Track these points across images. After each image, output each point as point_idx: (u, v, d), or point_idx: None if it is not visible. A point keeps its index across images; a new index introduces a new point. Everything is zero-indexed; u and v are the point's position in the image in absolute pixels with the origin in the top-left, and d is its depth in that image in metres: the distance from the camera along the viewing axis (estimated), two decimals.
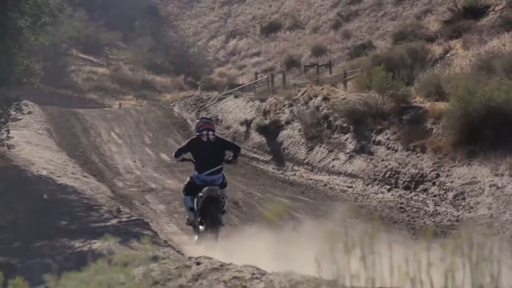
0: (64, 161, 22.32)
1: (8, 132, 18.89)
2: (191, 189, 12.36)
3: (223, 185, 12.38)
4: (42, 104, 36.24)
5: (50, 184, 17.51)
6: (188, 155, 12.80)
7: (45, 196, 16.31)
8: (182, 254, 12.11)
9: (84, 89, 51.29)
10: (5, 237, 12.97)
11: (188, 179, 12.64)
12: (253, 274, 8.28)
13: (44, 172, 18.68)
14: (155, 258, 10.89)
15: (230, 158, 12.76)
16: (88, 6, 62.35)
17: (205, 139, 12.44)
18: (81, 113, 35.69)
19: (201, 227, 12.24)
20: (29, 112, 30.54)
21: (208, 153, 12.25)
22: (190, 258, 9.52)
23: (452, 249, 3.56)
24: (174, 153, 13.08)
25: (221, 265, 8.88)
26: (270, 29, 60.82)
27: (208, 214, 12.05)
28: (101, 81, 52.86)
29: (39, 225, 13.83)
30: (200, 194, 12.00)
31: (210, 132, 12.55)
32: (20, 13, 18.15)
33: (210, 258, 9.18)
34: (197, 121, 13.65)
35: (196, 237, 12.58)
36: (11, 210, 14.67)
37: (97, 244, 12.16)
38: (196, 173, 12.34)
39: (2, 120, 18.69)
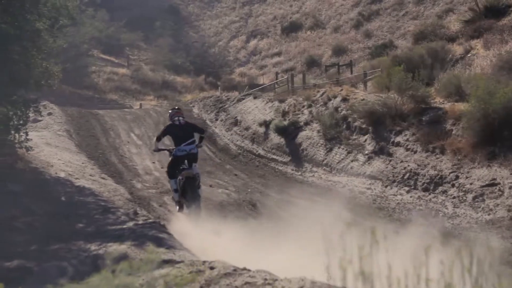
0: (83, 163, 22.37)
1: (27, 134, 18.93)
2: (173, 170, 16.25)
3: (196, 155, 16.32)
4: (63, 105, 36.44)
5: (68, 186, 17.51)
6: (164, 145, 17.74)
7: (63, 199, 16.31)
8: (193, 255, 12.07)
9: (105, 90, 51.46)
10: (22, 240, 12.99)
11: (171, 158, 16.38)
12: (265, 279, 8.24)
13: (62, 174, 18.70)
14: (170, 262, 10.90)
15: (197, 143, 16.48)
16: (109, 6, 62.55)
17: (177, 123, 16.40)
18: (101, 114, 35.80)
19: (183, 202, 16.21)
20: (49, 114, 30.78)
21: (182, 132, 16.23)
22: (204, 262, 9.49)
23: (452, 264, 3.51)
24: (155, 138, 17.16)
25: (234, 270, 8.83)
26: (291, 29, 60.72)
27: (189, 190, 15.93)
28: (121, 82, 53.03)
29: (55, 227, 13.84)
30: (180, 177, 15.99)
31: (180, 118, 16.48)
32: (38, 16, 18.21)
33: (224, 263, 9.15)
34: (170, 111, 17.27)
35: (177, 208, 16.53)
36: (28, 212, 14.71)
37: (112, 247, 12.14)
38: (175, 149, 16.15)
39: (21, 122, 18.71)
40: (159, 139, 16.65)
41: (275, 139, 28.95)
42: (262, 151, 29.19)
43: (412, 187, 21.38)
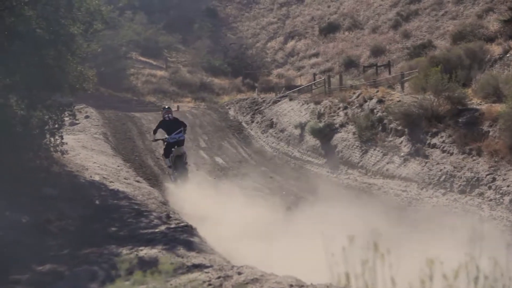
0: (118, 166, 22.48)
1: (62, 138, 19.06)
2: (167, 152, 21.51)
3: (183, 141, 21.62)
4: (101, 108, 36.73)
5: (102, 190, 17.58)
6: (160, 134, 21.93)
7: (97, 202, 16.38)
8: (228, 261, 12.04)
9: (143, 92, 51.62)
10: (55, 244, 13.06)
11: (165, 143, 21.60)
12: (291, 285, 8.20)
13: (96, 178, 18.79)
14: (199, 266, 10.88)
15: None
16: (147, 9, 62.85)
17: (167, 119, 21.59)
18: (137, 117, 36.01)
19: (175, 173, 21.50)
20: (87, 117, 31.06)
21: (172, 124, 21.50)
22: (233, 267, 9.47)
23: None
24: (152, 131, 22.56)
25: (262, 275, 8.80)
26: (329, 29, 60.36)
27: (179, 165, 21.39)
28: (160, 84, 53.13)
29: (88, 231, 13.89)
30: (172, 154, 21.33)
31: (170, 115, 21.65)
32: (72, 20, 18.34)
33: (252, 268, 9.11)
34: (162, 110, 22.71)
35: (173, 181, 21.59)
36: (62, 216, 14.80)
37: (144, 252, 12.17)
38: (168, 137, 21.31)
39: (56, 126, 18.85)
40: (155, 132, 22.11)
41: (311, 141, 28.88)
42: (298, 153, 29.13)
43: (448, 189, 21.17)
